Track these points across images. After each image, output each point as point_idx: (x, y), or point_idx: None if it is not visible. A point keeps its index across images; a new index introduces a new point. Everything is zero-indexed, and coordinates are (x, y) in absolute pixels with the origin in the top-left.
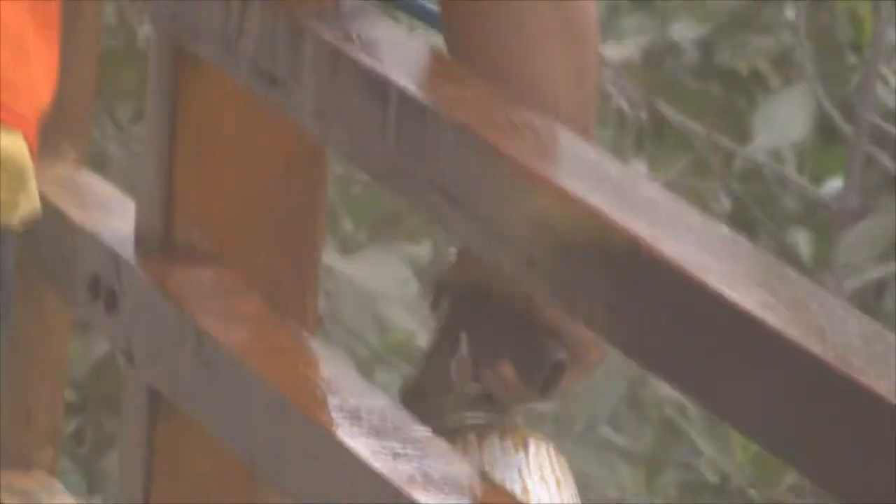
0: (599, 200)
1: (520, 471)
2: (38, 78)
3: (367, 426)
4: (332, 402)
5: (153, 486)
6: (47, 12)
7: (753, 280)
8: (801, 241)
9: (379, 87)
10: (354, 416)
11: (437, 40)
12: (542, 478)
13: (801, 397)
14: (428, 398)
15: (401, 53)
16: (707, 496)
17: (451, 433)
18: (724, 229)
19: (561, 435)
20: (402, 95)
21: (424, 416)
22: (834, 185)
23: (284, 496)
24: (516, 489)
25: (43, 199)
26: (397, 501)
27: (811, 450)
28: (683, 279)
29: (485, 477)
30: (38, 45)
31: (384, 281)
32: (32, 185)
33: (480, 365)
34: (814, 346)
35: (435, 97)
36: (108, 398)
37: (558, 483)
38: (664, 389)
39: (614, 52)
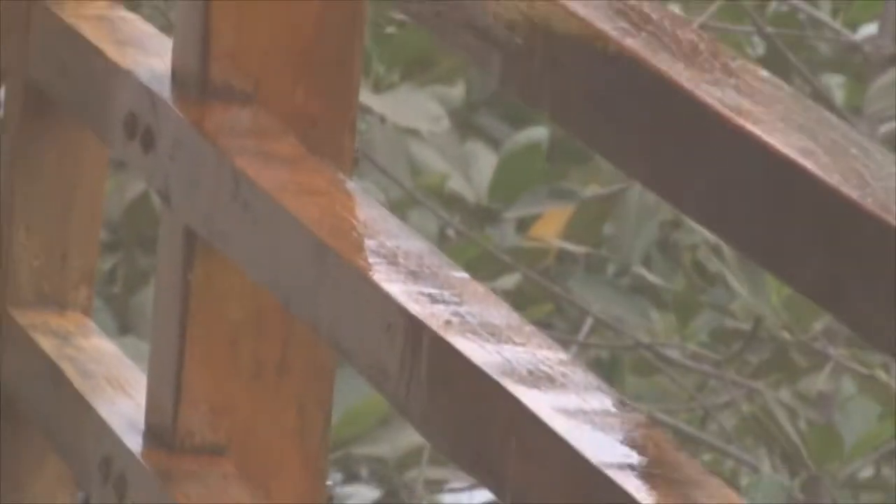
0: (638, 45)
1: None
2: None
3: (403, 270)
4: (369, 244)
5: (188, 326)
6: None
7: (793, 125)
8: (835, 86)
9: None
10: (391, 260)
11: None
12: None
13: (839, 243)
14: None
15: None
16: (738, 342)
17: None
18: (763, 72)
19: (592, 279)
20: None
21: None
22: (868, 30)
23: (320, 337)
24: None
25: (78, 35)
26: (430, 349)
27: (847, 296)
28: (722, 123)
29: (522, 320)
30: None
31: (417, 118)
32: None
33: None
34: (855, 192)
35: None
36: (142, 237)
37: None
38: (700, 233)
39: None
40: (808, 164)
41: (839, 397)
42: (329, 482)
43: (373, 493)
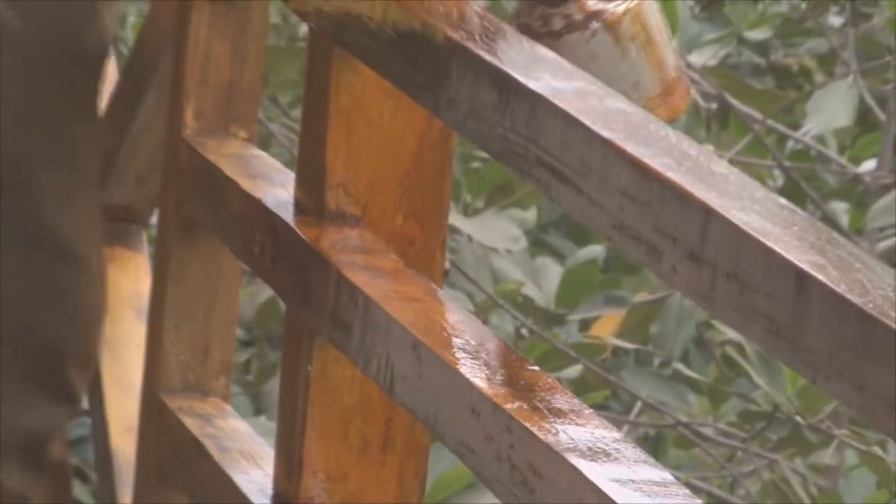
0: (682, 176)
1: None
2: None
3: (485, 363)
4: (457, 342)
5: (308, 409)
6: None
7: (807, 243)
8: (841, 211)
9: (498, 81)
10: (475, 355)
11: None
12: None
13: (844, 343)
14: None
15: (515, 52)
16: (760, 422)
17: None
18: (782, 200)
19: (641, 370)
20: (519, 88)
21: None
22: (869, 164)
23: (417, 419)
24: None
25: (219, 170)
26: (507, 424)
27: (852, 386)
28: (752, 245)
29: (582, 405)
30: None
31: (498, 239)
32: None
33: None
34: (855, 298)
35: (544, 88)
36: (270, 335)
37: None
38: (728, 332)
39: (694, 58)
40: (819, 275)
41: (843, 468)
42: None
43: None
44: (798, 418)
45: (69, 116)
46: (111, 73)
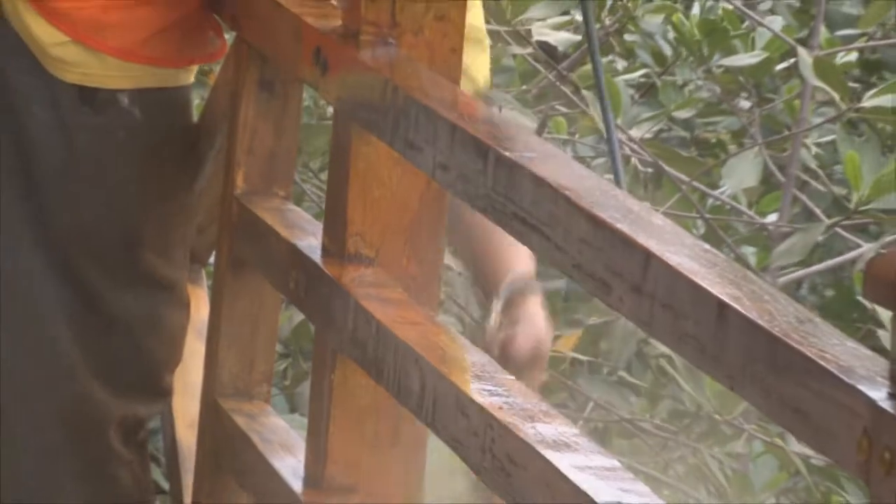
0: (627, 226)
1: None
2: None
3: (471, 374)
4: (449, 357)
5: (332, 410)
6: None
7: (726, 280)
8: (750, 254)
9: (482, 150)
10: (463, 367)
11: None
12: None
13: (757, 358)
14: None
15: (495, 128)
16: (686, 419)
17: None
18: (705, 245)
19: (593, 377)
20: (498, 156)
21: None
22: (772, 217)
23: (419, 418)
24: None
25: (262, 222)
26: (489, 423)
27: (761, 393)
28: (678, 277)
29: (549, 406)
30: None
31: None
32: None
33: None
34: (764, 323)
35: (518, 157)
36: (303, 349)
37: None
38: (661, 348)
39: (634, 132)
40: (736, 305)
41: (752, 455)
42: None
43: None
44: (716, 416)
45: (173, 185)
46: None
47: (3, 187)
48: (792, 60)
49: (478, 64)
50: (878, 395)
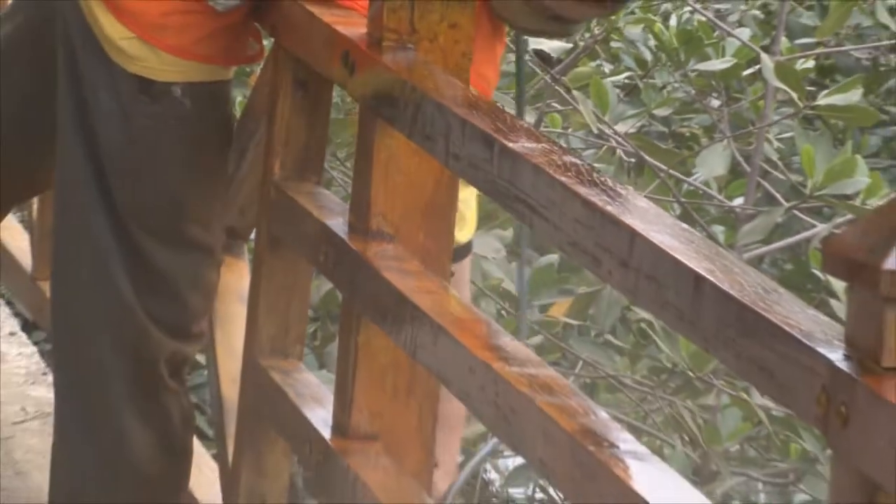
0: (614, 209)
1: None
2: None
3: (478, 335)
4: (458, 320)
5: (356, 367)
6: None
7: (702, 255)
8: (719, 233)
9: (489, 142)
10: (470, 330)
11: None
12: None
13: (729, 324)
14: None
15: (500, 122)
16: (664, 375)
17: None
18: (683, 225)
19: (582, 339)
20: (502, 147)
21: None
22: (738, 200)
23: (432, 373)
24: None
25: (297, 204)
26: (498, 387)
27: (732, 354)
28: (659, 252)
29: (544, 363)
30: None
31: (486, 250)
32: None
33: None
34: (735, 293)
35: (520, 147)
36: (331, 314)
37: None
38: (642, 314)
39: (620, 127)
40: (711, 277)
41: (720, 407)
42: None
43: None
44: (689, 373)
45: (215, 167)
46: None
47: (70, 151)
48: (757, 66)
49: (473, 211)
50: (836, 356)
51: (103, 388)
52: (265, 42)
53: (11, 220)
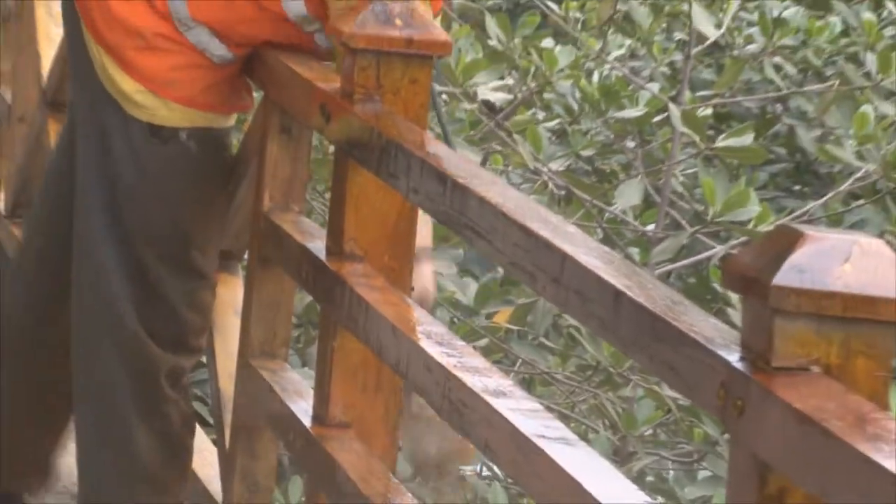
0: (548, 234)
1: None
2: None
3: (434, 340)
4: (419, 328)
5: (333, 366)
6: None
7: (621, 273)
8: (635, 254)
9: (442, 178)
10: (428, 335)
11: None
12: None
13: (644, 331)
14: None
15: (452, 160)
16: (589, 371)
17: None
18: (605, 248)
19: (521, 342)
20: (454, 183)
21: None
22: (651, 226)
23: (395, 372)
24: None
25: (282, 230)
26: (450, 382)
27: (646, 356)
28: (585, 271)
29: (489, 364)
30: None
31: (441, 267)
32: None
33: None
34: (649, 305)
35: (468, 183)
36: (312, 321)
37: None
38: (571, 321)
39: (553, 165)
40: (628, 292)
41: (636, 398)
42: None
43: None
44: (610, 369)
45: (215, 200)
46: None
47: (91, 197)
48: (665, 114)
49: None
50: (733, 358)
51: (112, 398)
52: (255, 94)
53: None
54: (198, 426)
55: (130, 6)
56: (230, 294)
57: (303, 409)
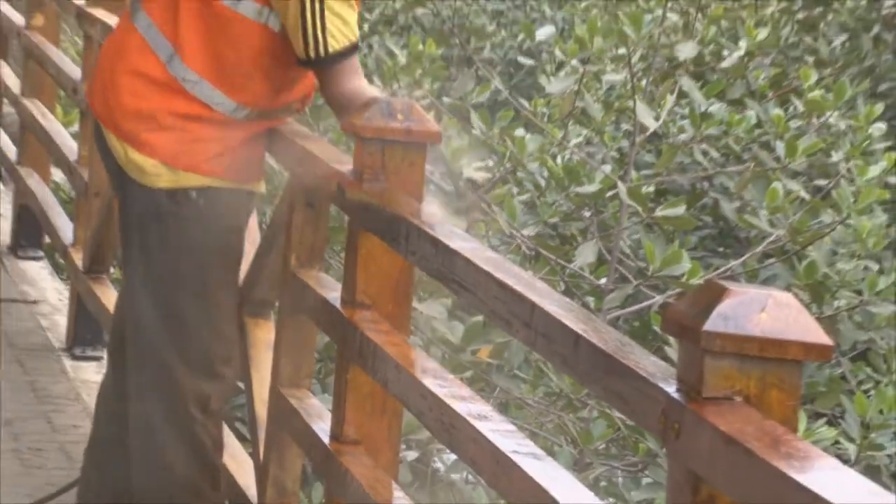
0: (520, 287)
1: None
2: None
3: (428, 373)
4: (417, 365)
5: (347, 394)
6: None
7: (580, 319)
8: (590, 302)
9: (434, 242)
10: (424, 371)
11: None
12: None
13: (598, 367)
14: None
15: (443, 230)
16: (555, 397)
17: None
18: (566, 298)
19: (499, 374)
20: (445, 246)
21: None
22: (603, 280)
23: (397, 399)
24: None
25: (306, 284)
26: (442, 408)
27: (601, 388)
28: (550, 317)
29: (474, 393)
30: None
31: (434, 312)
32: None
33: None
34: (602, 346)
35: (455, 245)
36: (330, 357)
37: None
38: (540, 356)
39: (525, 231)
40: (586, 336)
41: (592, 418)
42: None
43: (413, 454)
44: (571, 395)
45: (229, 246)
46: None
47: (133, 260)
48: (615, 190)
49: None
50: (671, 389)
51: (148, 414)
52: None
53: None
54: (237, 441)
55: (137, 95)
56: (264, 334)
57: (322, 429)
